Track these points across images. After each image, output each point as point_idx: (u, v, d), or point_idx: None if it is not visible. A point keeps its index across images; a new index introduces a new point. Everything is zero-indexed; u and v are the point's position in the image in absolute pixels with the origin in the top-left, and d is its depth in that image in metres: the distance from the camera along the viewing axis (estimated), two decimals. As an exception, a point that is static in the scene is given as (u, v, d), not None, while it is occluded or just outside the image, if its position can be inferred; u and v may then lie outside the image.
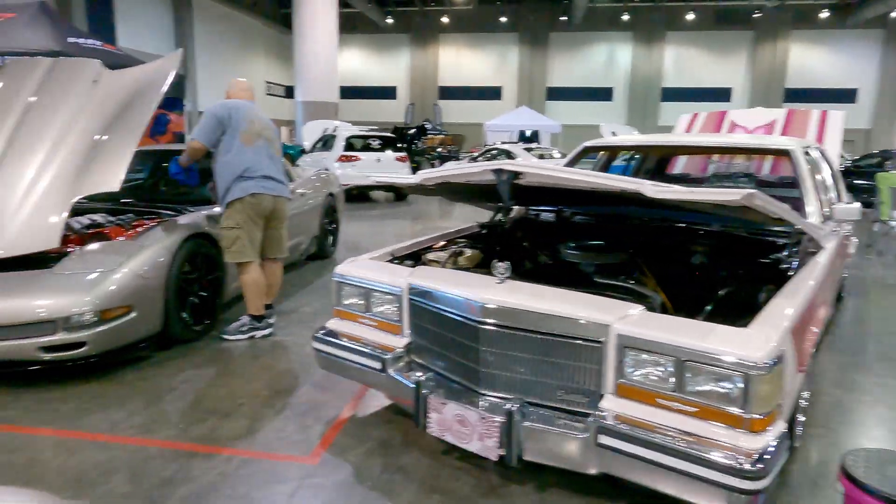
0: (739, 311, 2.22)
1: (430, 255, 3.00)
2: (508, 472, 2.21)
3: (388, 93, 35.16)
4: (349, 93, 30.14)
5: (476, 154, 13.06)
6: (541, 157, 11.93)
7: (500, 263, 2.21)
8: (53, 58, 3.71)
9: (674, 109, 31.96)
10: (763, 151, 3.96)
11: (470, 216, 3.79)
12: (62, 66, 3.60)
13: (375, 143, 11.40)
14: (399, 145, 12.03)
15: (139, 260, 3.17)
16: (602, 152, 4.61)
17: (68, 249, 3.23)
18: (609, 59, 32.91)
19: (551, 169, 2.22)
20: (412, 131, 18.01)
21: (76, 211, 3.44)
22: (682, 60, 31.97)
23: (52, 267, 3.15)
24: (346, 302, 2.68)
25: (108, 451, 2.34)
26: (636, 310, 2.01)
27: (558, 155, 12.82)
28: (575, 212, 3.52)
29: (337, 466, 2.28)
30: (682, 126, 5.96)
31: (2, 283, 2.96)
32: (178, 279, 3.42)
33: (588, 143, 4.19)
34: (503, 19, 32.52)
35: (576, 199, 2.99)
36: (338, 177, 6.72)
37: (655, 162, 5.33)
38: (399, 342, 2.48)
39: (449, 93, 34.50)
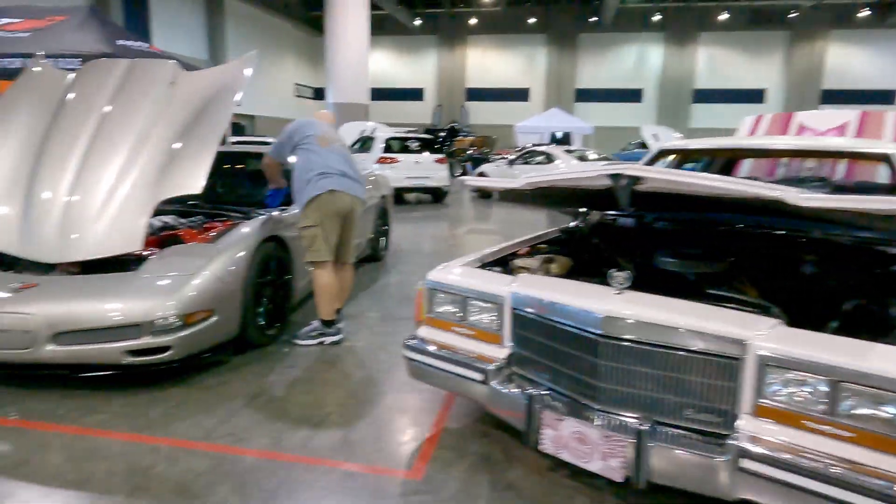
0: (872, 326, 2.09)
1: (519, 262, 2.91)
2: (624, 492, 2.11)
3: (415, 94, 35.20)
4: (377, 94, 30.24)
5: (512, 156, 12.92)
6: (581, 158, 11.74)
7: (618, 273, 2.11)
8: (130, 59, 3.69)
9: (706, 111, 31.46)
10: (859, 156, 3.78)
11: (511, 218, 3.69)
12: (140, 68, 3.60)
13: (414, 145, 11.35)
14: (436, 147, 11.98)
15: (219, 263, 3.13)
16: (672, 156, 4.47)
17: (146, 252, 3.21)
18: (639, 59, 32.50)
19: (677, 174, 2.11)
20: (443, 133, 17.96)
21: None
22: (715, 61, 31.43)
23: (133, 270, 3.14)
24: (439, 310, 2.60)
25: (208, 460, 2.30)
26: (772, 324, 1.89)
27: (594, 156, 12.62)
28: (658, 217, 3.40)
29: (443, 483, 2.20)
30: (747, 129, 5.77)
31: (88, 286, 2.94)
32: (254, 283, 3.38)
33: (664, 146, 4.06)
34: (531, 20, 32.34)
35: (682, 204, 2.85)
36: (388, 179, 6.68)
37: (721, 166, 5.17)
38: (499, 353, 2.40)
39: (476, 94, 34.41)
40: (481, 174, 12.83)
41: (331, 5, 21.01)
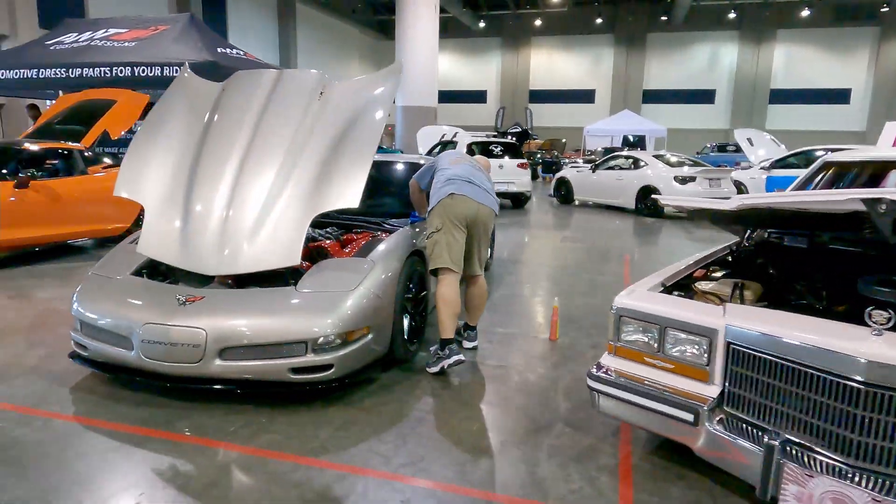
0: None
1: (703, 286, 2.69)
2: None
3: (477, 97, 35.08)
4: (439, 97, 30.34)
5: (578, 160, 12.47)
6: (672, 164, 11.22)
7: (878, 311, 1.86)
8: (278, 69, 3.67)
9: (784, 113, 29.94)
10: None
11: (595, 225, 3.43)
12: (288, 78, 3.57)
13: (496, 150, 11.18)
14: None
15: (374, 278, 3.05)
16: (832, 169, 4.10)
17: (299, 266, 3.16)
18: (712, 59, 31.25)
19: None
20: (511, 137, 17.71)
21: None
22: (794, 60, 29.86)
23: (290, 284, 3.10)
24: (629, 338, 2.41)
25: (398, 494, 2.19)
26: None
27: (674, 160, 12.02)
28: (835, 237, 3.09)
29: (661, 533, 2.01)
30: (892, 135, 5.31)
31: (252, 301, 2.91)
32: (402, 298, 3.29)
33: (828, 158, 3.73)
34: (599, 20, 31.61)
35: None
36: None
37: (867, 179, 4.74)
38: (706, 391, 2.19)
39: (539, 96, 33.97)
40: (562, 179, 12.50)
41: (401, 10, 21.14)
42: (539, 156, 19.96)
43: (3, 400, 2.89)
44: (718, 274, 2.92)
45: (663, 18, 30.41)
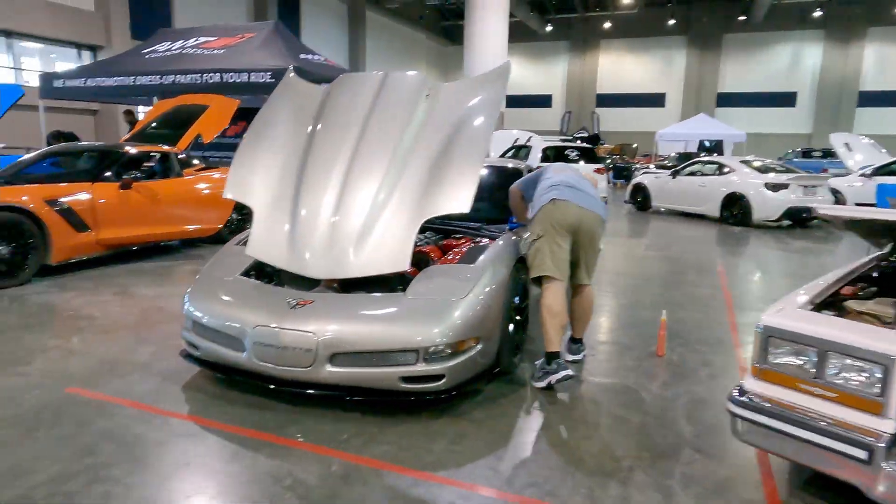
0: None
1: (858, 306, 2.42)
2: None
3: (543, 101, 34.68)
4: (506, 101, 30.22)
5: (678, 166, 11.95)
6: (764, 169, 10.54)
7: None
8: (382, 71, 3.64)
9: (873, 116, 27.99)
10: None
11: (675, 232, 3.12)
12: (393, 80, 3.52)
13: (572, 154, 10.91)
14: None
15: (482, 286, 2.94)
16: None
17: (404, 271, 3.09)
18: (794, 60, 29.65)
19: None
20: (579, 142, 17.30)
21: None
22: (886, 60, 27.90)
23: (398, 289, 3.04)
24: (779, 361, 2.18)
25: (528, 518, 2.06)
26: None
27: (759, 164, 11.32)
28: None
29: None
30: None
31: (362, 306, 2.86)
32: (510, 307, 3.17)
33: None
34: (671, 22, 30.61)
35: None
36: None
37: None
38: (881, 425, 1.94)
39: (607, 100, 33.22)
40: (638, 186, 12.07)
41: (470, 14, 21.15)
42: (609, 161, 19.43)
43: (122, 395, 2.96)
44: (868, 292, 2.64)
45: (742, 18, 29.09)
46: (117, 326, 4.02)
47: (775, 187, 9.57)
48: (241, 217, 6.97)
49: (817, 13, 27.45)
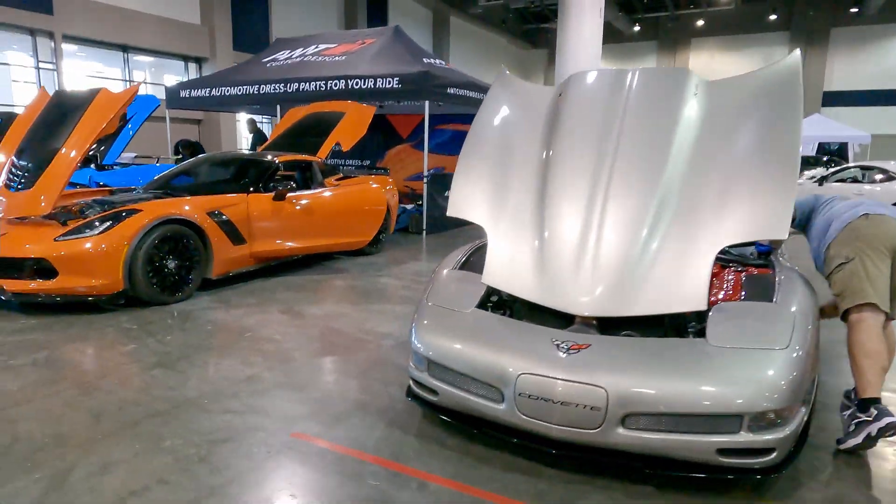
0: None
1: None
2: None
3: (628, 104, 33.36)
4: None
5: (825, 173, 10.76)
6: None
7: None
8: (630, 69, 3.13)
9: None
10: None
11: None
12: (647, 78, 3.00)
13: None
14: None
15: (801, 332, 2.34)
16: None
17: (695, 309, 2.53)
18: (914, 54, 27.08)
19: None
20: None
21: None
22: None
23: (689, 332, 2.50)
24: None
25: None
26: None
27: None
28: None
29: None
30: None
31: (653, 353, 2.34)
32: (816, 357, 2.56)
33: None
34: (772, 17, 28.71)
35: None
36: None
37: None
38: None
39: (697, 102, 31.53)
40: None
41: (564, 13, 20.42)
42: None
43: (355, 445, 2.57)
44: None
45: (853, 10, 26.87)
46: (303, 352, 3.69)
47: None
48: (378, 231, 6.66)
49: (944, 2, 24.95)
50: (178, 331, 4.04)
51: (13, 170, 4.64)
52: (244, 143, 20.35)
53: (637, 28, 31.47)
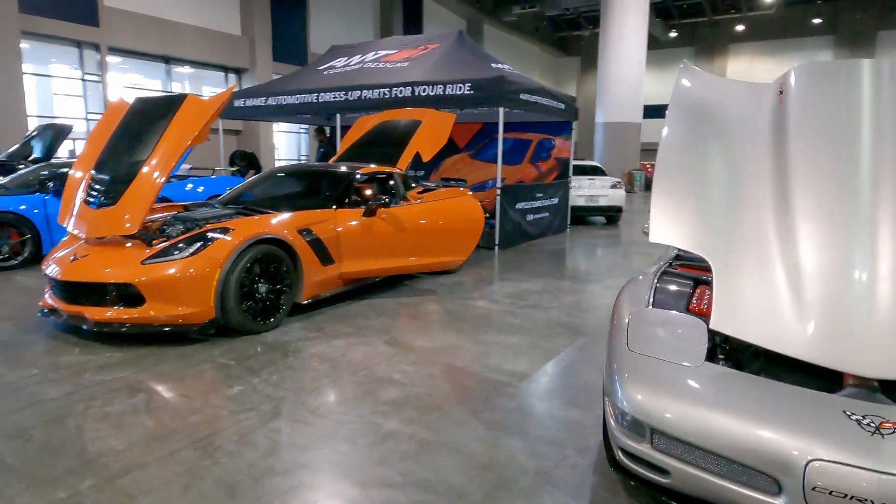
0: None
1: None
2: None
3: (662, 112, 32.58)
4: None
5: None
6: None
7: None
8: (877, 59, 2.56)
9: None
10: None
11: None
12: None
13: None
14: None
15: None
16: None
17: None
18: (970, 57, 25.96)
19: None
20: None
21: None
22: None
23: None
24: None
25: None
26: None
27: None
28: None
29: None
30: None
31: None
32: None
33: None
34: (816, 21, 27.85)
35: None
36: None
37: None
38: None
39: (736, 109, 30.68)
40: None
41: (606, 18, 19.90)
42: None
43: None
44: None
45: (904, 13, 25.94)
46: (436, 398, 3.15)
47: None
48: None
49: None
50: (284, 369, 3.53)
51: (93, 185, 4.19)
52: (277, 153, 20.07)
53: (673, 34, 30.84)
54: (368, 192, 5.25)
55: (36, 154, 9.13)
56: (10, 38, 11.65)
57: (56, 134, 9.08)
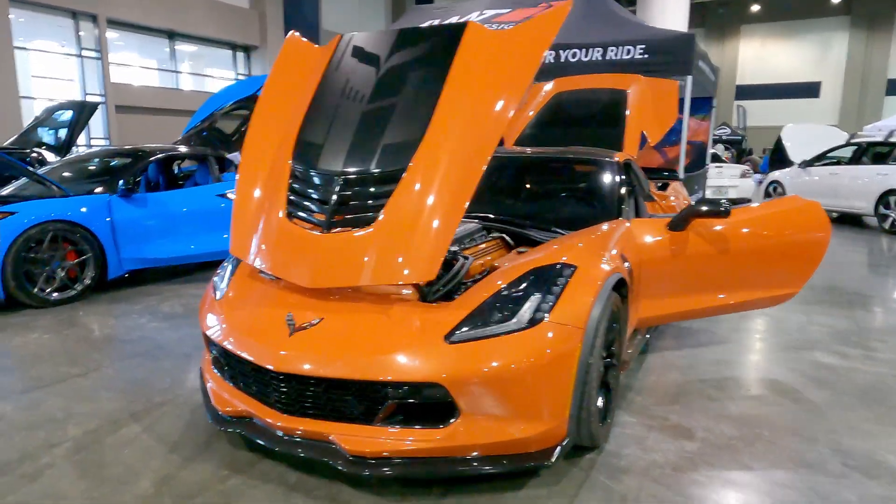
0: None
1: None
2: None
3: (675, 96, 31.51)
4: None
5: None
6: None
7: None
8: None
9: None
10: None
11: None
12: None
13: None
14: None
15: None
16: None
17: None
18: None
19: None
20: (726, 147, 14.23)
21: None
22: None
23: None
24: None
25: None
26: None
27: None
28: None
29: None
30: None
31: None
32: None
33: None
34: (834, 1, 26.99)
35: None
36: None
37: None
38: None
39: (748, 92, 29.81)
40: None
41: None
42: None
43: None
44: None
45: (925, -9, 25.28)
46: None
47: None
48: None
49: None
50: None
51: (307, 188, 2.29)
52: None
53: (684, 15, 29.63)
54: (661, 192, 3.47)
55: (49, 140, 6.99)
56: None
57: (80, 113, 6.93)
